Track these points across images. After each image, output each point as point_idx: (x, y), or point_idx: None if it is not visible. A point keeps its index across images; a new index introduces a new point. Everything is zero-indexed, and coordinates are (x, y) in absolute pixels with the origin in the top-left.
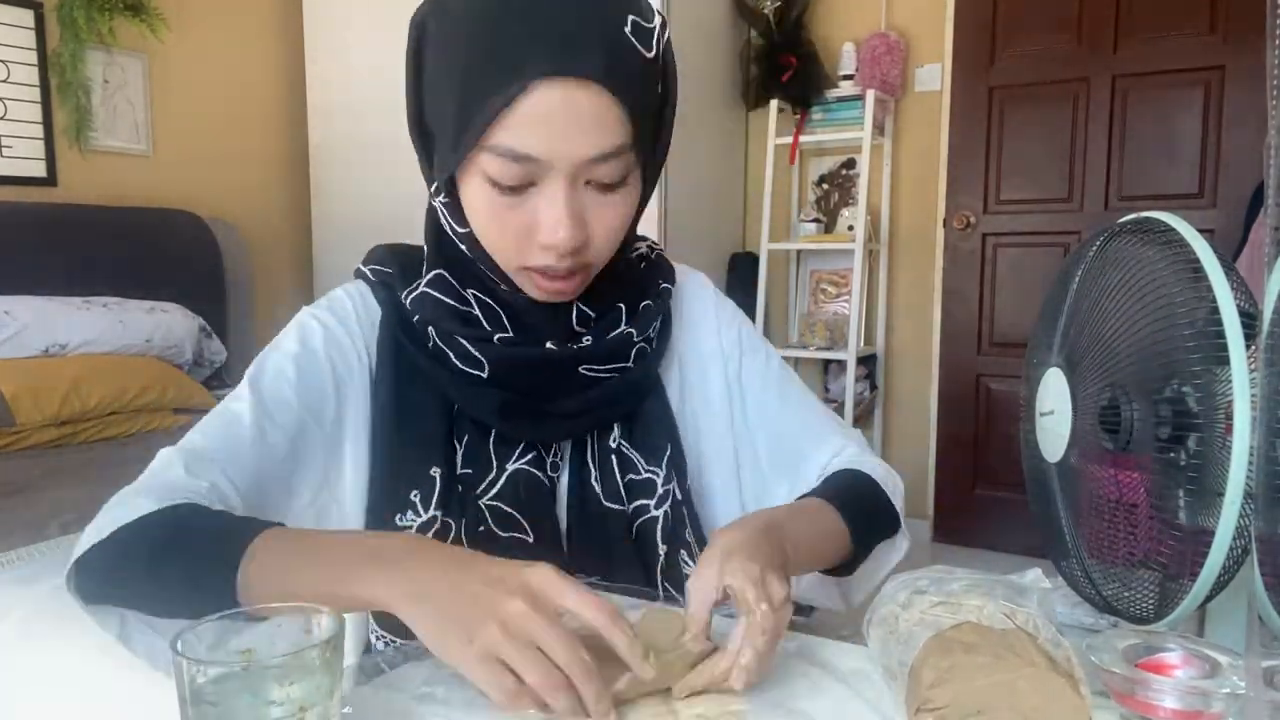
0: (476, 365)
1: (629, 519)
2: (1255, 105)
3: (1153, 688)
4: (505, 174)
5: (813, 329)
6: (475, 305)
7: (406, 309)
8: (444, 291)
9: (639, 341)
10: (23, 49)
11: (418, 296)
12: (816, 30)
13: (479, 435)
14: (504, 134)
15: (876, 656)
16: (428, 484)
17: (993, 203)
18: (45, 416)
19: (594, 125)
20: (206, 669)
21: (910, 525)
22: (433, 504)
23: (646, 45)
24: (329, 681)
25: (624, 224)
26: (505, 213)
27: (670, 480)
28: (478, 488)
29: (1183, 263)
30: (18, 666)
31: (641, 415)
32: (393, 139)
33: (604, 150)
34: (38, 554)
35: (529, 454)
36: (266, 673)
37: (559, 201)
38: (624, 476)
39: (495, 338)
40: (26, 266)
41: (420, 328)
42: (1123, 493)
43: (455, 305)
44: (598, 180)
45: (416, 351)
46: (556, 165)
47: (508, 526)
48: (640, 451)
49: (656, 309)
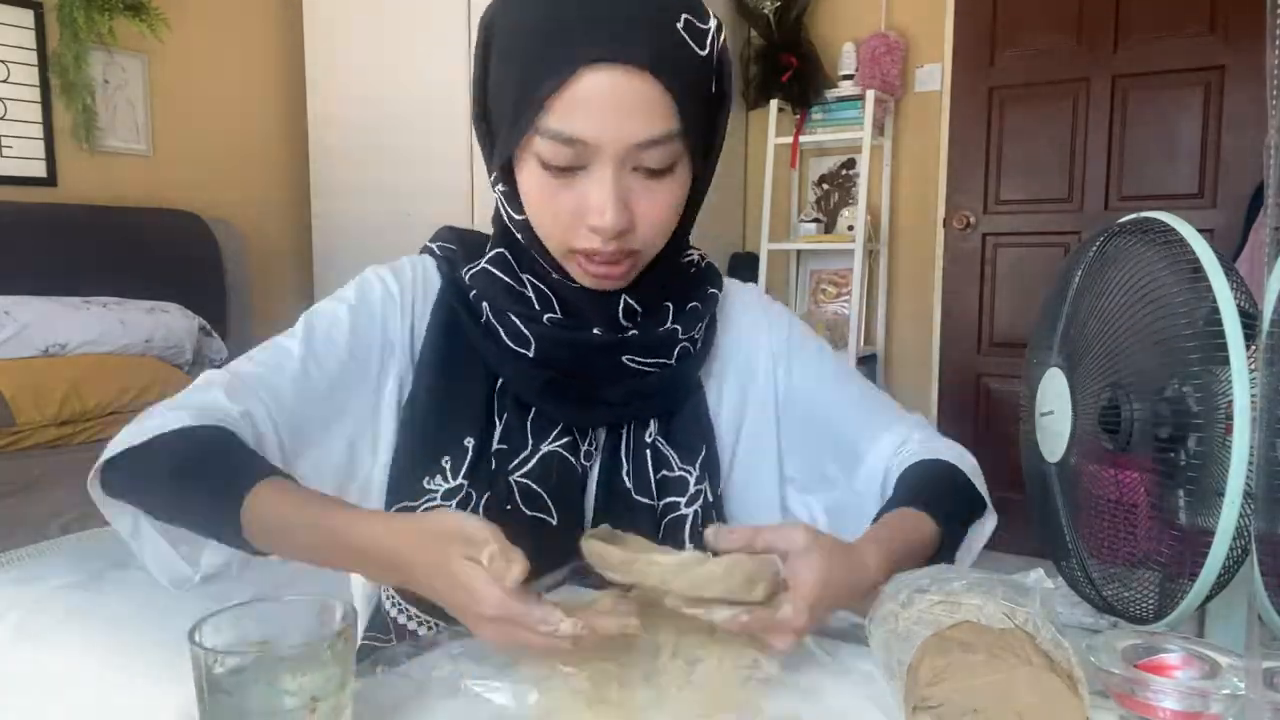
0: (524, 343)
1: (657, 515)
2: (1255, 105)
3: (1152, 688)
4: (556, 156)
5: (813, 329)
6: (529, 288)
7: (465, 284)
8: (503, 270)
9: (683, 340)
10: (23, 49)
11: (478, 272)
12: (816, 30)
13: (518, 413)
14: (554, 117)
15: (877, 655)
16: (460, 452)
17: (993, 203)
18: (45, 416)
19: (641, 111)
20: (223, 659)
21: None
22: (461, 472)
23: (700, 44)
24: (340, 673)
25: (672, 212)
26: (555, 195)
27: (703, 481)
28: (510, 463)
29: (1183, 263)
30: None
31: (680, 415)
32: (393, 139)
33: (651, 135)
34: (38, 554)
35: (564, 438)
36: (280, 663)
37: (606, 184)
38: (657, 472)
39: (545, 318)
40: (26, 266)
41: (476, 303)
42: (1123, 493)
43: (511, 284)
44: (645, 166)
45: (470, 324)
46: (604, 148)
47: (534, 505)
48: (675, 449)
49: (703, 311)
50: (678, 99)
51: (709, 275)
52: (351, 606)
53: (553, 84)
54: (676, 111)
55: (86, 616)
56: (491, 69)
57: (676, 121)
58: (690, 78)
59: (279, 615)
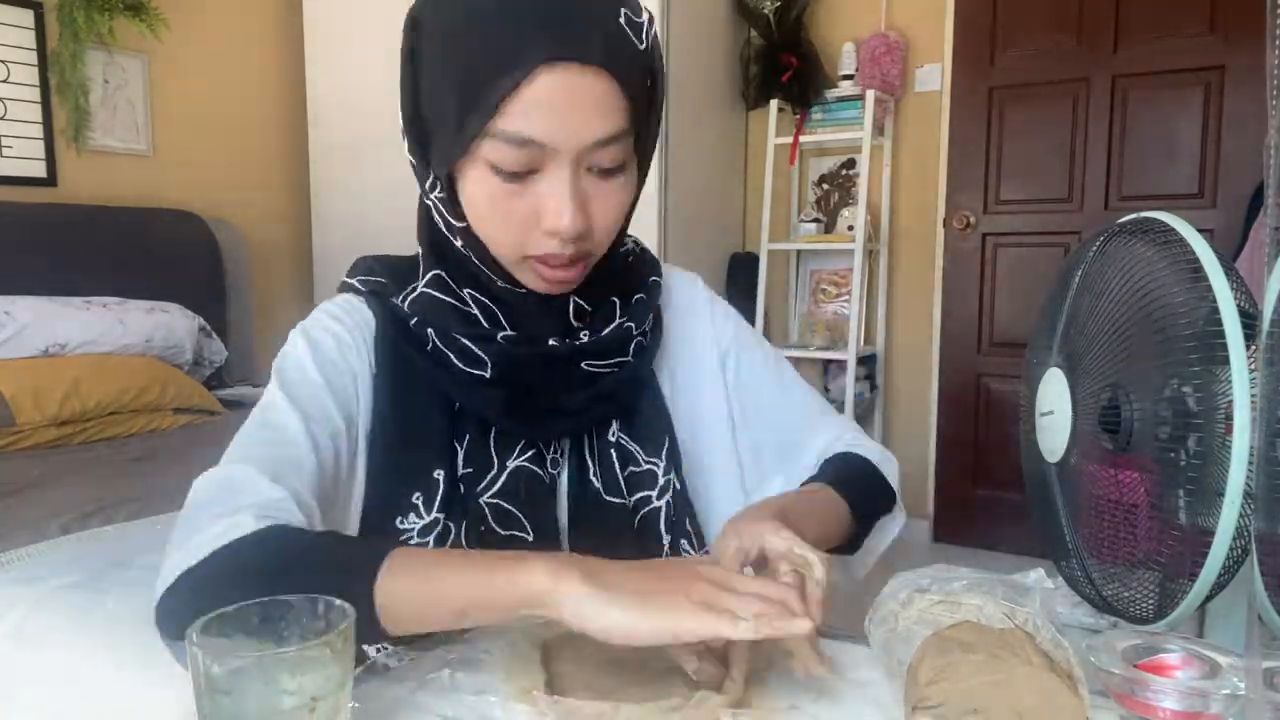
0: (479, 364)
1: (631, 511)
2: (1255, 105)
3: (1152, 688)
4: (509, 160)
5: (813, 329)
6: (473, 305)
7: (401, 314)
8: (442, 291)
9: (637, 335)
10: (23, 49)
11: (416, 298)
12: (816, 30)
13: (480, 434)
14: (508, 120)
15: (878, 655)
16: (431, 486)
17: (993, 203)
18: (45, 416)
19: (597, 109)
20: (221, 659)
21: (910, 525)
22: (435, 506)
23: (638, 37)
24: (340, 673)
25: (623, 211)
26: (508, 201)
27: (669, 471)
28: (478, 486)
29: (1183, 263)
30: (18, 666)
31: (639, 409)
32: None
33: (608, 133)
34: (38, 554)
35: (529, 451)
36: (280, 663)
37: (564, 187)
38: (624, 470)
39: (498, 336)
40: (26, 266)
41: (419, 330)
42: (1123, 493)
43: (455, 305)
44: (600, 165)
45: (416, 354)
46: (561, 150)
47: (508, 524)
48: (639, 444)
49: (649, 302)
50: (628, 95)
51: (647, 263)
52: (350, 607)
53: (506, 85)
54: (628, 108)
55: (86, 616)
56: (425, 71)
57: (628, 119)
58: (635, 73)
59: (278, 615)
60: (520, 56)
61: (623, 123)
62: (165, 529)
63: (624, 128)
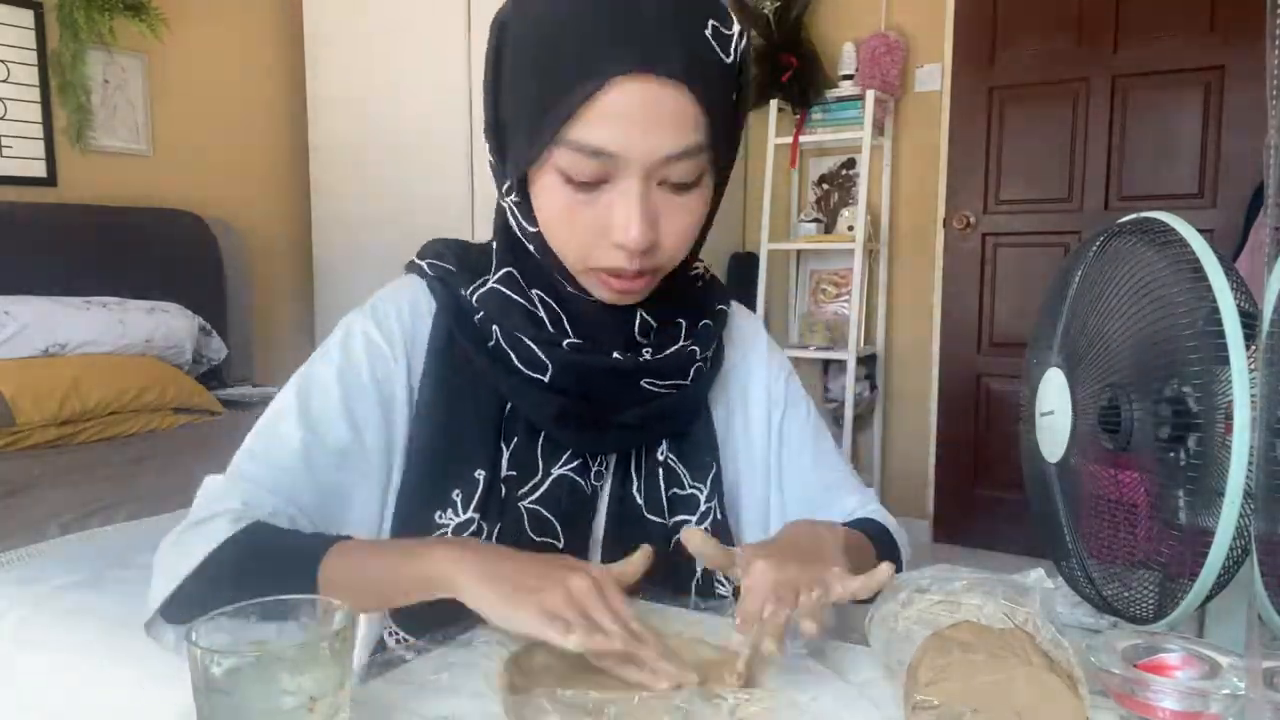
0: (539, 368)
1: (669, 532)
2: (1255, 105)
3: (1152, 688)
4: (580, 169)
5: (813, 329)
6: (540, 307)
7: (467, 306)
8: (513, 289)
9: (699, 360)
10: (23, 49)
11: (487, 293)
12: (816, 30)
13: (528, 437)
14: (582, 129)
15: (878, 655)
16: (471, 484)
17: (993, 203)
18: (45, 416)
19: (672, 123)
20: (221, 659)
21: (910, 525)
22: (473, 505)
23: (725, 50)
24: (339, 673)
25: (695, 227)
26: (577, 210)
27: (713, 499)
28: (520, 489)
29: (1183, 263)
30: (18, 666)
31: (690, 433)
32: (393, 138)
33: (681, 148)
34: (38, 554)
35: (575, 460)
36: (279, 663)
37: (633, 200)
38: (668, 490)
39: (564, 343)
40: (26, 266)
41: (483, 325)
42: (1123, 493)
43: (524, 305)
44: (671, 180)
45: (474, 349)
46: (632, 162)
47: (542, 531)
48: (687, 466)
49: (715, 329)
50: (706, 110)
51: (714, 289)
52: (349, 608)
53: (581, 94)
54: (706, 123)
55: (86, 616)
56: (505, 74)
57: (705, 133)
58: (717, 86)
59: (277, 615)
60: (598, 66)
61: (699, 137)
62: (165, 529)
63: (700, 142)
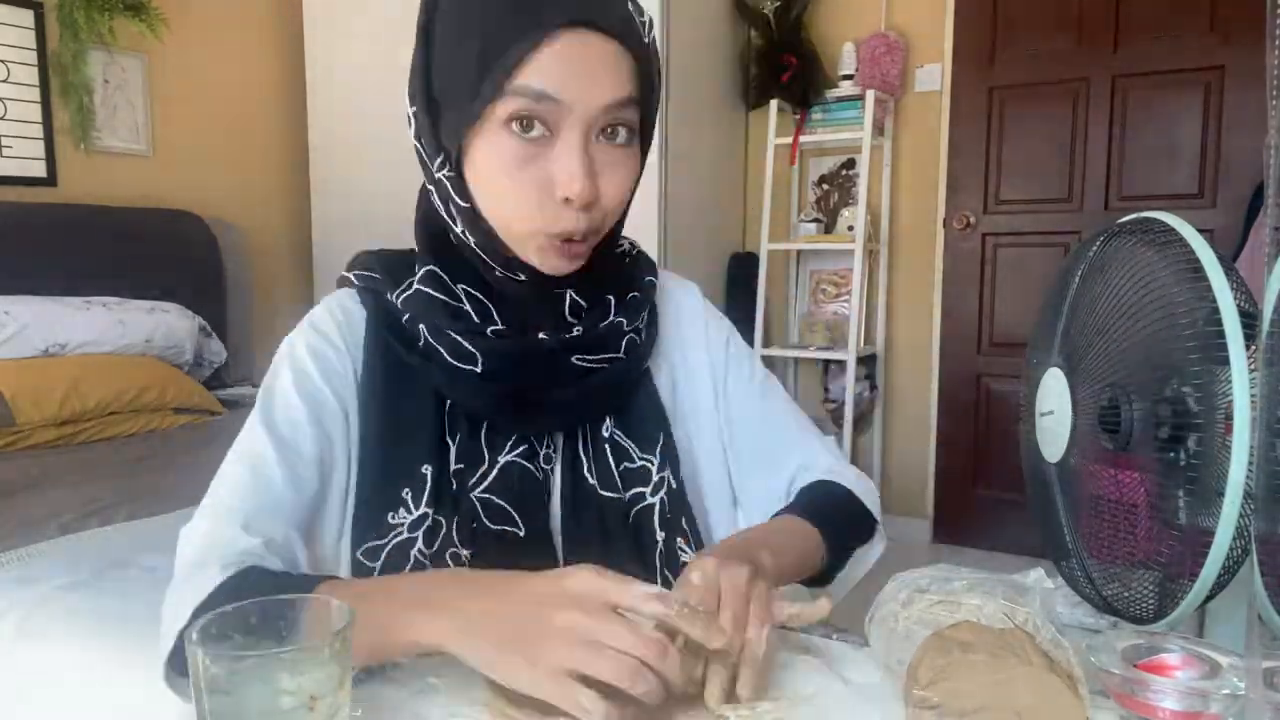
0: (469, 360)
1: (625, 507)
2: (1255, 105)
3: (1152, 688)
4: (525, 111)
5: (813, 329)
6: (466, 300)
7: (394, 310)
8: (436, 287)
9: (629, 331)
10: (23, 49)
11: (410, 295)
12: (816, 30)
13: (471, 429)
14: (527, 74)
15: (878, 655)
16: (419, 481)
17: (993, 203)
18: (45, 416)
19: (610, 73)
20: (220, 659)
21: (910, 525)
22: (424, 501)
23: (644, 31)
24: (339, 673)
25: (629, 188)
26: (522, 167)
27: (664, 468)
28: (469, 480)
29: (1183, 263)
30: (18, 666)
31: (633, 405)
32: (393, 139)
33: (619, 97)
34: (38, 554)
35: (521, 446)
36: (279, 662)
37: (575, 151)
38: (618, 465)
39: (488, 330)
40: (26, 266)
41: (410, 327)
42: (1123, 493)
43: (447, 301)
44: (610, 128)
45: (406, 351)
46: (574, 110)
47: (499, 519)
48: (634, 440)
49: (643, 300)
50: (639, 67)
51: (643, 263)
52: (349, 606)
53: (526, 43)
54: (637, 80)
55: (86, 616)
56: (438, 46)
57: (636, 89)
58: (643, 51)
59: (276, 615)
60: (541, 16)
61: (633, 90)
62: (165, 529)
63: (633, 95)
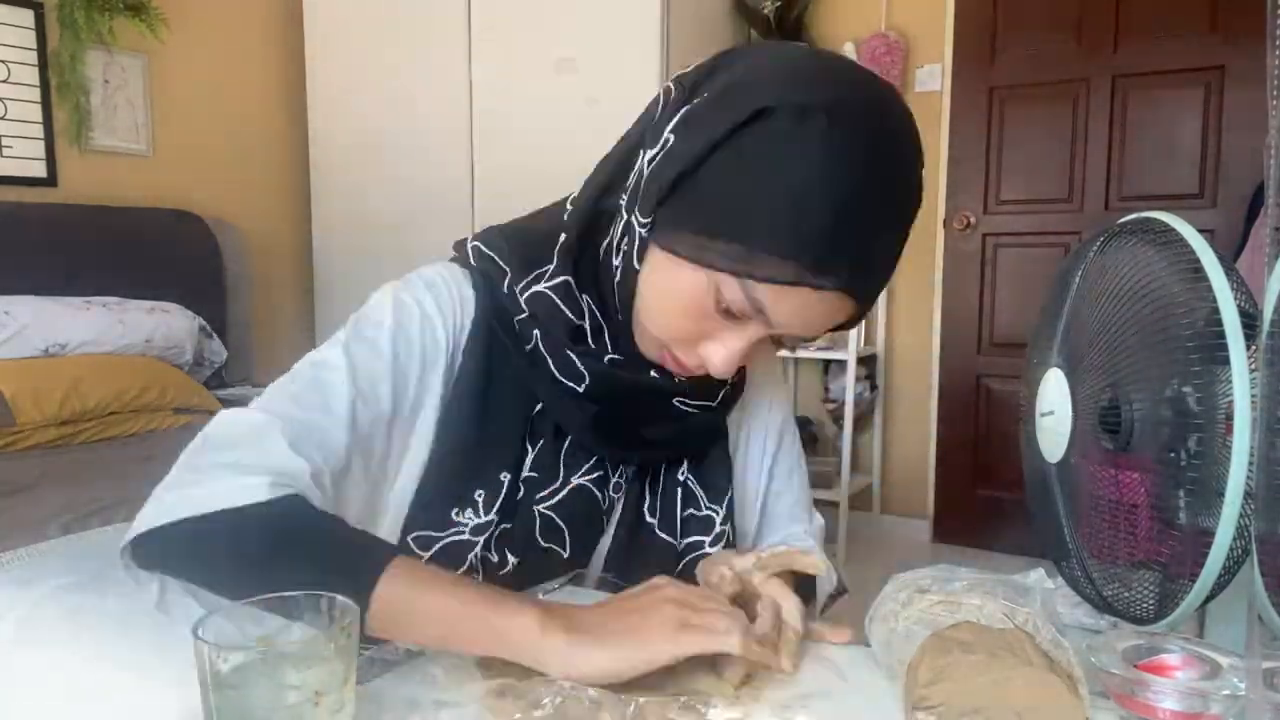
0: (576, 378)
1: (679, 553)
2: (1255, 105)
3: (1152, 689)
4: (735, 304)
5: None
6: (588, 319)
7: (507, 302)
8: (565, 298)
9: (727, 385)
10: (23, 49)
11: (535, 295)
12: (816, 30)
13: (553, 441)
14: (770, 292)
15: (878, 655)
16: (494, 486)
17: (993, 203)
18: (45, 416)
19: (827, 324)
20: (227, 654)
21: (910, 525)
22: (495, 507)
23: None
24: (343, 669)
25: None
26: (698, 320)
27: (727, 522)
28: (538, 492)
29: (1183, 263)
30: (17, 666)
31: (710, 455)
32: (393, 138)
33: (817, 335)
34: (38, 554)
35: (596, 471)
36: (284, 658)
37: (741, 347)
38: (684, 510)
39: (605, 359)
40: (26, 266)
41: (524, 327)
42: (1123, 493)
43: (571, 318)
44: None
45: (513, 349)
46: (776, 328)
47: (551, 538)
48: (704, 488)
49: None
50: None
51: None
52: (354, 604)
53: (787, 272)
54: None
55: (86, 616)
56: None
57: None
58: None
59: (282, 611)
60: (828, 269)
61: None
62: None
63: None
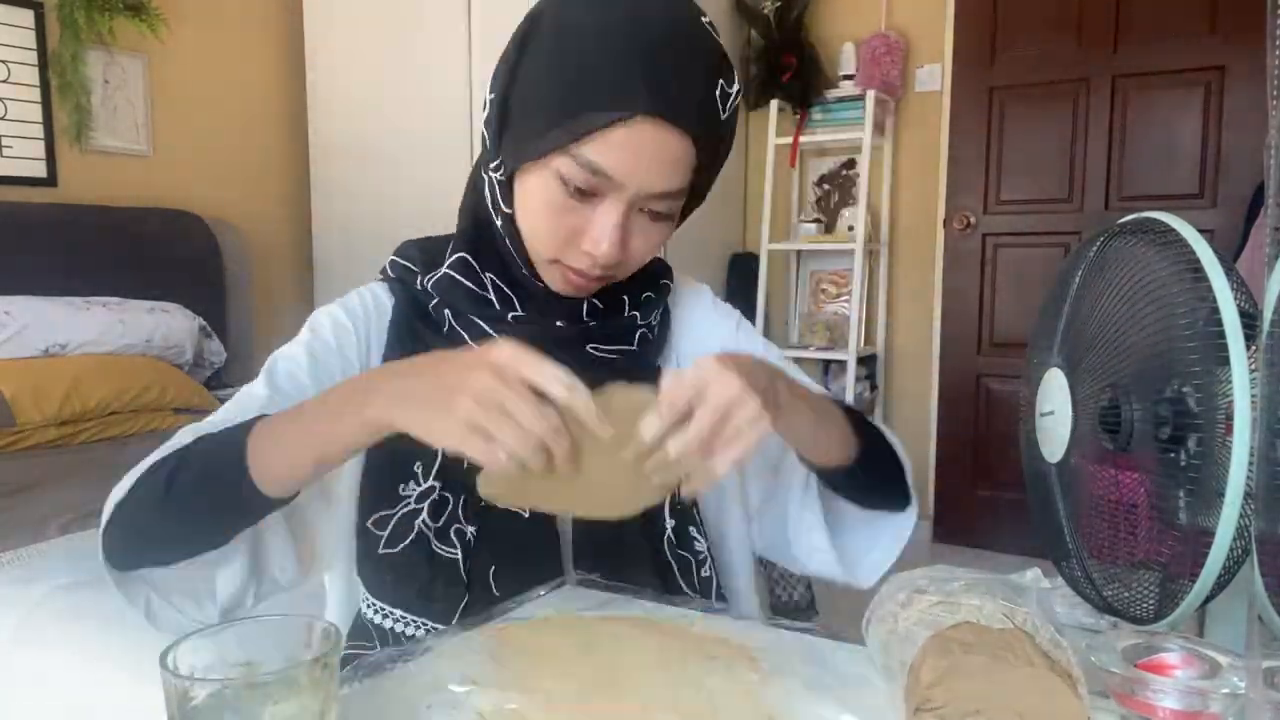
0: None
1: None
2: (1255, 105)
3: (1152, 688)
4: (577, 179)
5: (813, 329)
6: (491, 289)
7: (421, 297)
8: (464, 273)
9: (641, 326)
10: (23, 49)
11: (438, 280)
12: (816, 30)
13: None
14: (592, 149)
15: (876, 656)
16: (430, 455)
17: (993, 203)
18: (45, 416)
19: (671, 165)
20: (194, 686)
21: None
22: (433, 473)
23: (724, 107)
24: (317, 703)
25: (658, 247)
26: (561, 214)
27: None
28: None
29: (1183, 263)
30: (16, 666)
31: None
32: (393, 138)
33: (672, 188)
34: (38, 554)
35: None
36: (255, 692)
37: (613, 221)
38: None
39: (509, 316)
40: (26, 266)
41: (437, 312)
42: (1123, 493)
43: (472, 288)
44: (652, 209)
45: (431, 335)
46: (626, 189)
47: None
48: None
49: (657, 300)
50: (702, 159)
51: (660, 268)
52: (334, 627)
53: (601, 118)
54: (696, 166)
55: (86, 616)
56: (527, 65)
57: (691, 178)
58: (714, 140)
59: (257, 637)
60: (624, 99)
61: (687, 180)
62: None
63: (685, 185)
